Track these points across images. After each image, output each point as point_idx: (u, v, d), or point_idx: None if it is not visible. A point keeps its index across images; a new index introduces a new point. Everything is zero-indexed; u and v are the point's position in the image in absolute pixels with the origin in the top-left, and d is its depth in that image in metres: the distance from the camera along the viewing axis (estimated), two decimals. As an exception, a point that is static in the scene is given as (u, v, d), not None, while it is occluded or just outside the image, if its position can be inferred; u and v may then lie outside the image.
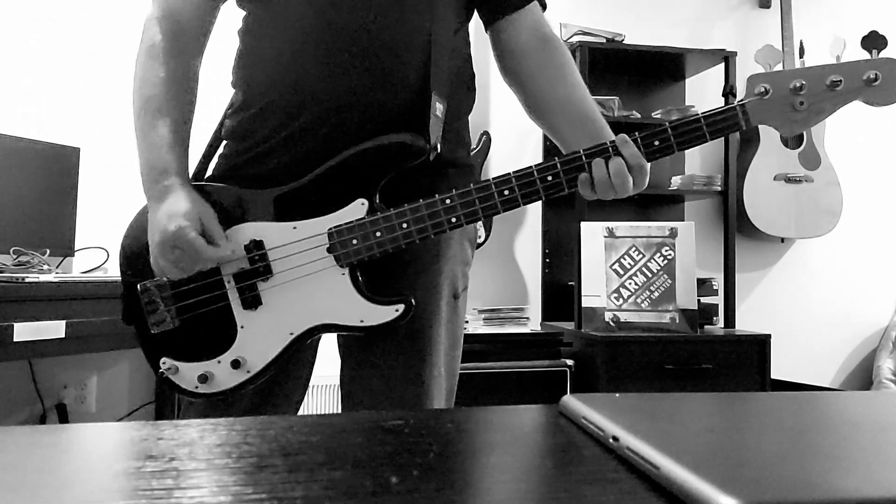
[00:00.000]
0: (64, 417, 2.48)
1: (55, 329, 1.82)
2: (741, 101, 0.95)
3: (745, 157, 2.98)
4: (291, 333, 0.98)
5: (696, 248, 2.57)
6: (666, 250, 2.49)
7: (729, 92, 2.80)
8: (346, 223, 0.97)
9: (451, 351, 1.07)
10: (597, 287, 2.52)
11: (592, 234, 2.54)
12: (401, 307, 0.96)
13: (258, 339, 0.98)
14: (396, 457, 0.39)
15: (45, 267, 2.09)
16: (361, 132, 0.97)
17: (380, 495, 0.32)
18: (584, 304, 2.53)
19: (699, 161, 3.14)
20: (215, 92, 1.20)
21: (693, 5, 3.16)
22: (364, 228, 0.96)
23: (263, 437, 0.42)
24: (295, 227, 0.98)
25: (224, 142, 1.09)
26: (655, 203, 3.06)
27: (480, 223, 2.78)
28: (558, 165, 0.95)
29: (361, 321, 0.96)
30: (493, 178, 0.96)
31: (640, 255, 2.50)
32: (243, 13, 1.07)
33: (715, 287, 2.68)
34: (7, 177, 2.18)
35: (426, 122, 0.98)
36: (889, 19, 3.31)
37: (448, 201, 0.96)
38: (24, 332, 1.75)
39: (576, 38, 2.73)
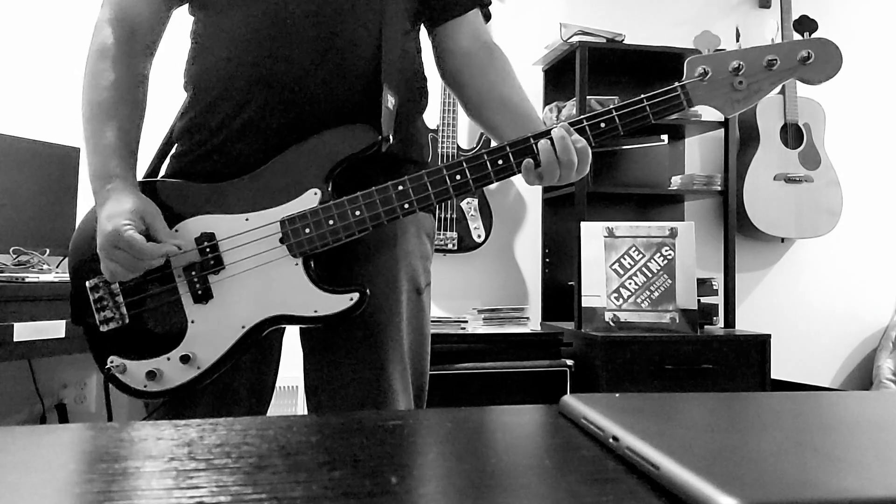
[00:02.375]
0: (64, 417, 2.48)
1: (55, 329, 1.82)
2: (682, 82, 0.99)
3: (745, 157, 2.98)
4: (244, 326, 0.96)
5: (696, 248, 2.57)
6: (666, 250, 2.49)
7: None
8: (297, 213, 0.96)
9: (418, 347, 1.06)
10: (597, 287, 2.52)
11: (592, 234, 2.54)
12: (355, 296, 0.95)
13: (209, 333, 0.97)
14: (396, 457, 0.39)
15: (45, 267, 2.09)
16: (313, 123, 0.98)
17: (379, 495, 0.32)
18: (584, 304, 2.53)
19: (699, 161, 3.14)
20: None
21: (693, 5, 3.16)
22: (316, 217, 0.96)
23: (263, 437, 0.42)
24: (247, 219, 0.98)
25: (175, 144, 1.09)
26: (655, 203, 3.06)
27: (480, 223, 2.78)
28: (507, 148, 0.98)
29: (315, 311, 0.95)
30: (445, 164, 0.97)
31: (640, 255, 2.50)
32: (194, 17, 1.08)
33: (715, 287, 2.68)
34: (7, 177, 2.18)
35: (378, 113, 0.99)
36: (888, 19, 3.31)
37: (400, 187, 0.96)
38: (24, 331, 1.75)
39: (576, 38, 2.73)
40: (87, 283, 1.01)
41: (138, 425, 0.45)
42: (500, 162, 0.97)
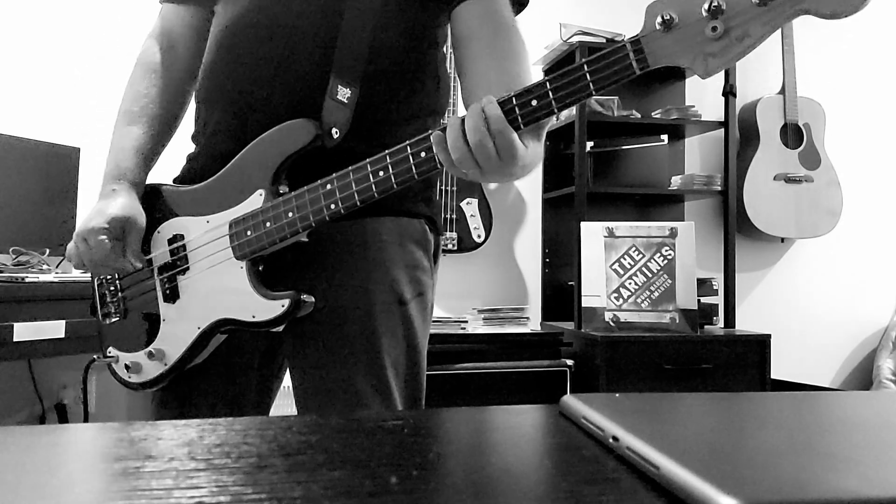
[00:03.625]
0: (63, 417, 2.48)
1: (55, 329, 1.82)
2: (637, 36, 0.75)
3: (745, 156, 2.98)
4: (199, 328, 0.99)
5: (696, 248, 2.57)
6: (666, 250, 2.49)
7: (729, 91, 2.80)
8: (242, 215, 0.96)
9: (408, 360, 1.00)
10: (597, 287, 2.52)
11: (592, 234, 2.54)
12: (286, 302, 0.92)
13: (176, 331, 1.01)
14: (396, 457, 0.39)
15: (45, 267, 2.09)
16: (265, 123, 0.97)
17: (379, 495, 0.32)
18: (584, 304, 2.53)
19: (699, 161, 3.14)
20: None
21: (693, 5, 3.16)
22: (256, 219, 0.95)
23: (263, 437, 0.42)
24: (208, 221, 1.00)
25: None
26: (655, 203, 3.06)
27: (480, 223, 2.78)
28: (430, 139, 0.84)
29: (253, 316, 0.95)
30: (369, 159, 0.88)
31: (640, 255, 2.50)
32: None
33: (715, 287, 2.68)
34: (7, 177, 2.18)
35: (320, 105, 0.95)
36: (887, 19, 3.31)
37: (328, 186, 0.90)
38: (23, 331, 1.75)
39: (576, 38, 2.73)
40: (95, 280, 1.10)
41: (138, 425, 0.45)
42: (423, 154, 0.84)
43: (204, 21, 1.11)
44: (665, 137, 2.80)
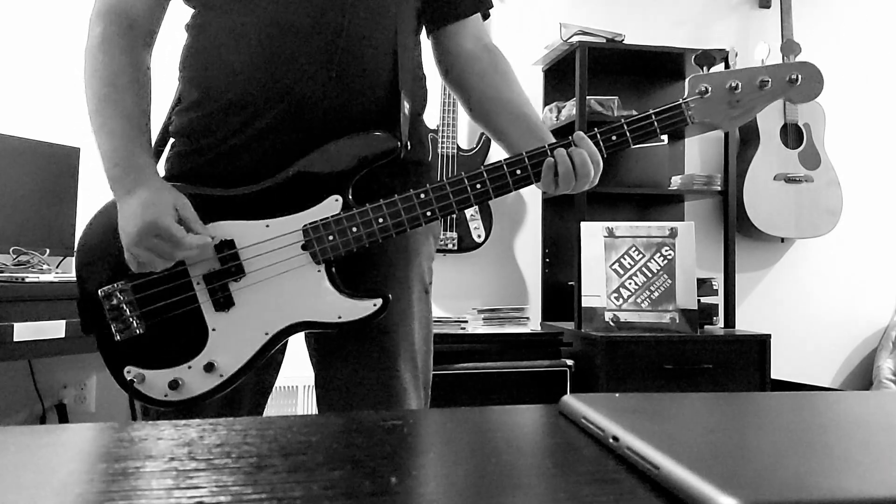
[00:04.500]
0: (64, 417, 2.48)
1: (55, 329, 1.82)
2: (685, 99, 1.06)
3: (745, 156, 2.98)
4: (267, 333, 0.96)
5: (696, 248, 2.57)
6: (666, 250, 2.49)
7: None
8: (321, 219, 0.97)
9: (425, 346, 1.08)
10: (597, 287, 2.52)
11: (592, 234, 2.54)
12: (378, 301, 0.96)
13: (231, 341, 0.96)
14: (396, 457, 0.39)
15: (45, 267, 2.09)
16: (331, 131, 0.98)
17: (379, 495, 0.32)
18: (584, 304, 2.53)
19: (699, 161, 3.14)
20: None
21: (693, 5, 3.16)
22: (340, 224, 0.97)
23: (263, 437, 0.42)
24: (268, 226, 0.97)
25: (173, 140, 1.07)
26: (655, 203, 3.06)
27: (480, 223, 2.78)
28: (525, 159, 1.00)
29: (339, 317, 0.96)
30: (466, 173, 0.99)
31: (640, 255, 2.50)
32: (192, 10, 1.06)
33: (715, 287, 2.68)
34: (7, 177, 2.18)
35: (397, 121, 1.00)
36: (887, 19, 3.31)
37: (423, 195, 0.97)
38: (24, 331, 1.75)
39: (576, 38, 2.73)
40: (100, 292, 0.98)
41: (138, 425, 0.45)
42: (518, 172, 0.99)
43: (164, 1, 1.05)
44: (665, 137, 2.80)
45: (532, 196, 2.99)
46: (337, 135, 0.98)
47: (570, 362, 2.46)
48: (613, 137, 1.02)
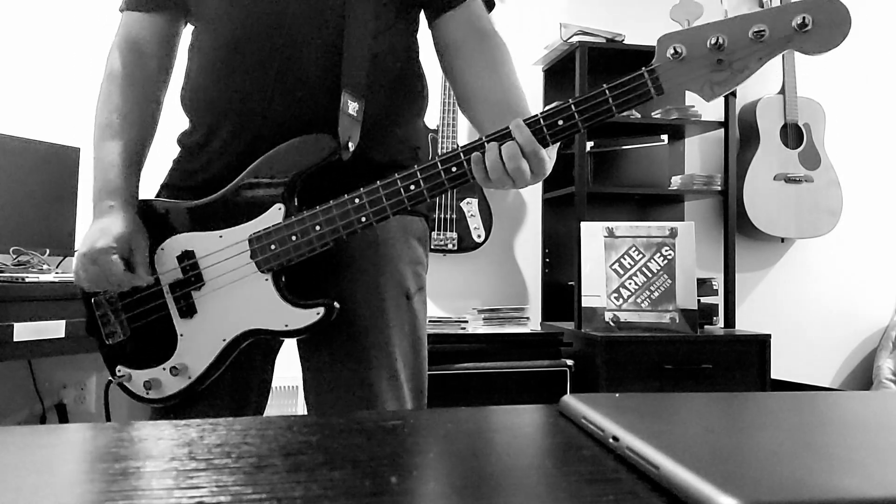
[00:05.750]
0: (63, 417, 2.48)
1: (55, 329, 1.82)
2: (650, 65, 0.85)
3: (745, 156, 2.98)
4: (224, 339, 1.00)
5: (696, 248, 2.57)
6: (666, 250, 2.49)
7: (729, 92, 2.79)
8: (264, 229, 0.98)
9: (413, 353, 1.06)
10: (597, 287, 2.52)
11: (592, 234, 2.54)
12: (321, 310, 0.96)
13: (196, 345, 1.01)
14: (396, 457, 0.39)
15: (45, 267, 2.09)
16: (276, 139, 0.99)
17: (380, 495, 0.32)
18: (584, 304, 2.53)
19: (699, 161, 3.14)
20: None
21: (693, 5, 3.16)
22: (280, 233, 0.97)
23: (263, 437, 0.42)
24: (221, 236, 1.00)
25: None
26: (655, 203, 3.06)
27: (480, 223, 2.78)
28: (461, 154, 0.91)
29: (286, 325, 0.98)
30: (399, 174, 0.93)
31: (640, 255, 2.50)
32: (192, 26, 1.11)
33: (715, 287, 2.68)
34: (7, 177, 2.18)
35: (335, 121, 0.98)
36: (887, 19, 3.31)
37: (357, 200, 0.94)
38: (24, 331, 1.75)
39: (576, 38, 2.73)
40: (93, 300, 1.07)
41: (138, 425, 0.45)
42: (453, 169, 0.91)
43: (172, 29, 1.11)
44: (665, 137, 2.80)
45: (532, 196, 2.99)
46: (282, 140, 0.98)
47: (570, 362, 2.46)
48: (559, 122, 0.87)
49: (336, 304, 0.97)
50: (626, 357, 2.42)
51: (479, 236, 2.78)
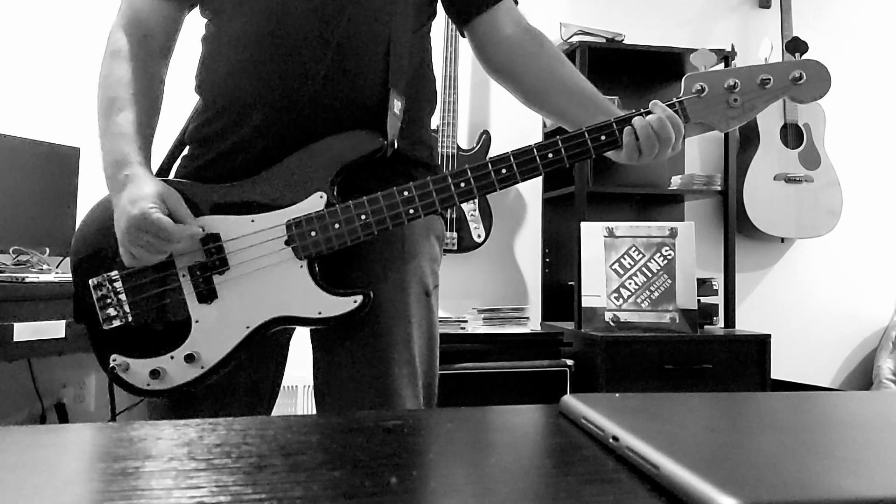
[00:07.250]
0: (63, 417, 2.48)
1: (55, 329, 1.82)
2: (679, 98, 1.02)
3: (745, 156, 2.98)
4: (248, 327, 0.97)
5: (696, 248, 2.57)
6: (666, 250, 2.49)
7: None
8: (304, 215, 0.97)
9: (428, 350, 1.06)
10: (597, 287, 2.52)
11: (592, 234, 2.54)
12: (359, 298, 0.96)
13: (213, 333, 0.97)
14: (396, 457, 0.39)
15: (45, 267, 2.09)
16: (317, 129, 0.99)
17: (380, 495, 0.32)
18: (584, 304, 2.53)
19: (699, 161, 3.14)
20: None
21: (693, 5, 3.16)
22: (322, 220, 0.96)
23: (263, 437, 0.42)
24: (253, 221, 0.98)
25: (188, 146, 1.10)
26: (655, 203, 3.06)
27: (480, 223, 2.78)
28: (511, 157, 0.97)
29: (319, 313, 0.96)
30: (449, 171, 0.97)
31: (640, 255, 2.50)
32: (205, 21, 1.09)
33: (715, 287, 2.68)
34: (7, 177, 2.18)
35: (384, 119, 1.00)
36: (887, 19, 3.31)
37: (406, 193, 0.96)
38: (23, 331, 1.75)
39: (576, 38, 2.73)
40: (91, 282, 1.00)
41: (138, 425, 0.45)
42: (503, 171, 0.97)
43: (177, 14, 1.09)
44: (665, 137, 2.80)
45: (532, 196, 2.99)
46: (325, 134, 0.99)
47: (570, 362, 2.46)
48: (602, 137, 0.99)
49: (372, 295, 0.97)
50: (626, 357, 2.41)
51: (479, 236, 2.78)
